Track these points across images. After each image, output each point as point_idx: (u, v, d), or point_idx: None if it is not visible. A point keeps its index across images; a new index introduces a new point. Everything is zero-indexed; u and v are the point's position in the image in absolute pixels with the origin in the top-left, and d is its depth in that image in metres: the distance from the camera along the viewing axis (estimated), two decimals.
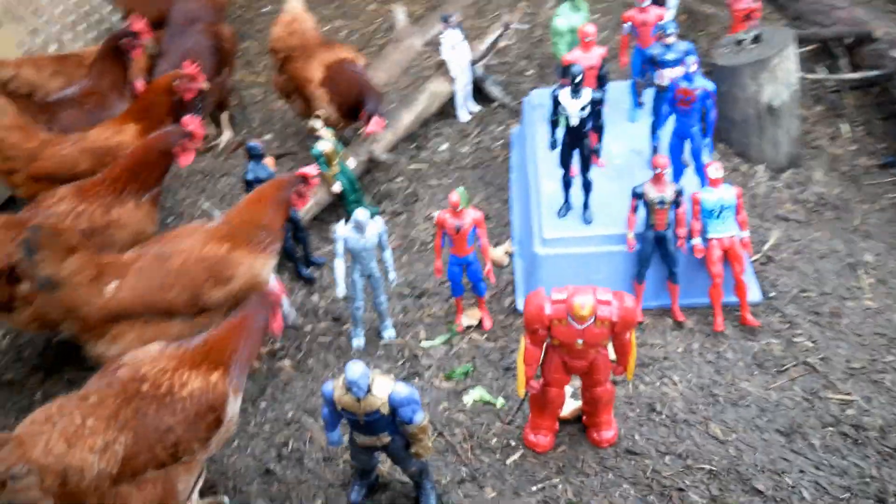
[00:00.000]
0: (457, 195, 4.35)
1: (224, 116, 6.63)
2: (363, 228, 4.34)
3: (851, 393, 4.18)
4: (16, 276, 4.26)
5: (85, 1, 7.14)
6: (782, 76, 5.61)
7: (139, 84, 5.62)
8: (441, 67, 6.64)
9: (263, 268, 4.31)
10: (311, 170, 4.42)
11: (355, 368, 3.29)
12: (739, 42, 5.82)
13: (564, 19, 5.44)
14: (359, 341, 4.70)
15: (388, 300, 4.69)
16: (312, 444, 4.17)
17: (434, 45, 7.15)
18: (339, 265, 4.41)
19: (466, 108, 6.73)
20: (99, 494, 3.29)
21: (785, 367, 4.36)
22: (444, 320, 4.85)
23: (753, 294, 4.74)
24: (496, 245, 5.30)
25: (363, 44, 7.83)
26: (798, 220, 5.34)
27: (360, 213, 4.30)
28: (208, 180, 6.18)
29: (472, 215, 4.44)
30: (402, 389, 3.39)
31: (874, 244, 5.13)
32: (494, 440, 4.12)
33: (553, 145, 4.69)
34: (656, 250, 4.60)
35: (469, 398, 4.35)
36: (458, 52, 6.51)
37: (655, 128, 4.85)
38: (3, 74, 5.80)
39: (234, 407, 3.65)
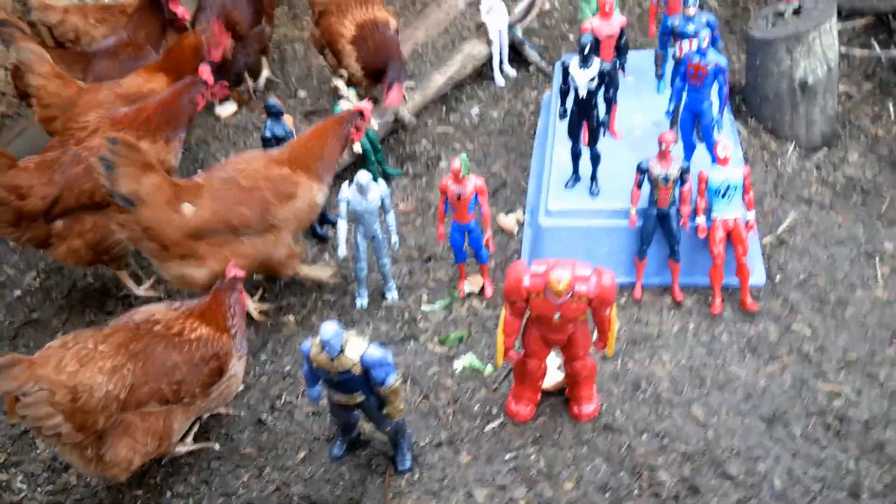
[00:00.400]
0: (458, 162, 4.39)
1: (264, 60, 6.82)
2: (366, 191, 4.43)
3: (842, 384, 4.11)
4: (53, 215, 4.56)
5: None
6: (819, 51, 5.41)
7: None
8: (481, 28, 6.63)
9: (318, 194, 4.56)
10: (366, 103, 4.59)
11: (328, 328, 3.42)
12: (780, 14, 5.62)
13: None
14: (362, 301, 4.84)
15: (391, 262, 4.79)
16: (304, 398, 4.34)
17: (477, 5, 7.13)
18: (342, 226, 4.53)
19: (503, 72, 6.70)
20: (107, 416, 3.50)
21: (778, 354, 4.31)
22: (448, 285, 4.94)
23: (757, 277, 4.67)
24: (508, 212, 5.34)
25: (407, 3, 7.83)
26: (821, 202, 5.20)
27: (362, 176, 4.39)
28: (240, 134, 6.35)
29: (473, 182, 4.48)
30: (375, 351, 3.51)
31: None
32: (477, 406, 4.22)
33: (563, 115, 4.67)
34: (659, 227, 4.56)
35: (459, 364, 4.45)
36: (495, 13, 6.47)
37: (671, 101, 4.76)
38: (51, 19, 6.02)
39: (237, 367, 3.92)
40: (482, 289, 4.86)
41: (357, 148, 5.53)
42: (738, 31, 6.75)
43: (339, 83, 5.36)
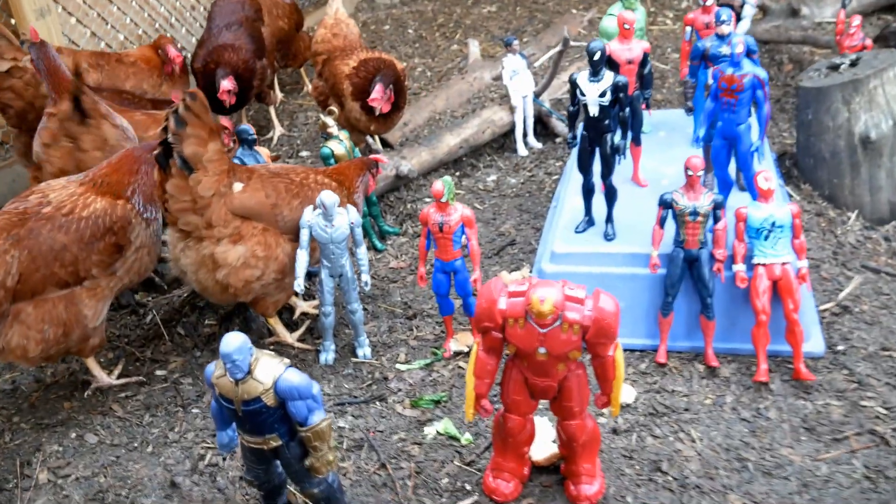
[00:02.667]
0: (441, 184, 3.66)
1: (272, 111, 6.54)
2: (331, 216, 3.71)
3: None
4: None
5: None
6: (882, 102, 4.65)
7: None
8: (504, 98, 6.12)
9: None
10: (383, 156, 4.21)
11: (231, 340, 2.61)
12: (834, 67, 4.92)
13: (615, 20, 4.75)
14: (326, 356, 4.01)
15: (362, 308, 3.99)
16: (233, 460, 3.47)
17: (500, 86, 6.71)
18: (302, 256, 3.78)
19: (526, 143, 6.09)
20: None
21: (845, 435, 3.31)
22: (432, 344, 4.10)
23: (814, 344, 3.73)
24: (513, 270, 4.55)
25: (435, 80, 7.42)
26: (892, 273, 4.28)
27: (326, 196, 3.68)
28: None
29: (460, 211, 3.73)
30: (294, 376, 2.67)
31: None
32: (446, 480, 3.28)
33: (571, 143, 3.95)
34: (687, 275, 3.71)
35: (431, 430, 3.54)
36: (519, 79, 5.94)
37: (700, 133, 4.00)
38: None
39: (144, 235, 3.78)
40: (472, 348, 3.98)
41: None
42: (788, 110, 6.05)
43: (329, 119, 4.77)
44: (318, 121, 5.65)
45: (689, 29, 4.56)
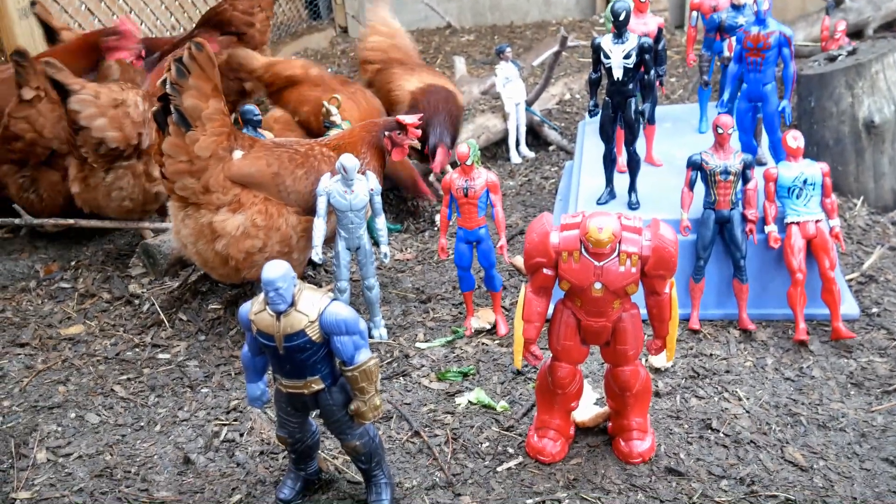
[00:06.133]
0: (466, 146, 3.54)
1: None
2: (350, 181, 3.55)
3: None
4: None
5: None
6: (884, 87, 4.70)
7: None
8: (495, 111, 6.07)
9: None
10: (412, 118, 3.83)
11: (275, 266, 2.41)
12: (832, 59, 4.97)
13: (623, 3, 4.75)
14: None
15: (378, 285, 3.80)
16: (251, 435, 3.20)
17: (491, 93, 6.69)
18: (319, 225, 3.59)
19: (520, 152, 6.03)
20: None
21: (894, 388, 3.20)
22: (450, 324, 3.91)
23: (849, 307, 3.65)
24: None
25: None
26: None
27: (347, 159, 3.52)
28: None
29: (484, 176, 3.60)
30: (341, 309, 2.47)
31: None
32: (486, 444, 3.07)
33: (593, 111, 3.88)
34: (718, 238, 3.62)
35: (462, 399, 3.33)
36: (512, 86, 5.91)
37: (724, 97, 3.96)
38: None
39: None
40: (494, 325, 3.82)
41: None
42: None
43: (332, 108, 4.62)
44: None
45: (695, 14, 4.56)
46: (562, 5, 9.54)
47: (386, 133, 3.83)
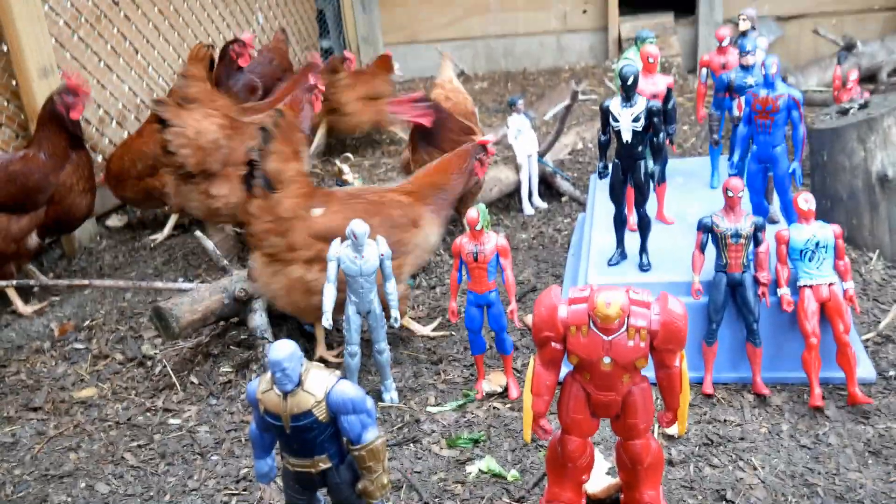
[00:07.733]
0: (475, 211, 3.56)
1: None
2: (361, 246, 3.56)
3: None
4: None
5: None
6: None
7: None
8: (507, 163, 6.11)
9: (435, 231, 4.20)
10: (490, 137, 4.16)
11: (282, 346, 2.41)
12: (844, 112, 4.97)
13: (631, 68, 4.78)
14: None
15: (389, 350, 3.79)
16: None
17: (504, 144, 6.73)
18: (329, 291, 3.60)
19: (532, 203, 6.05)
20: None
21: None
22: (462, 386, 3.89)
23: (865, 370, 3.60)
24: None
25: None
26: None
27: (357, 225, 3.54)
28: None
29: (494, 240, 3.61)
30: (348, 388, 2.47)
31: None
32: None
33: (603, 173, 3.89)
34: (731, 300, 3.59)
35: (473, 468, 3.31)
36: (524, 138, 5.95)
37: (735, 158, 3.96)
38: None
39: None
40: (506, 389, 3.80)
41: None
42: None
43: (345, 166, 4.68)
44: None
45: (704, 71, 4.59)
46: (575, 51, 9.63)
47: (477, 157, 4.28)
